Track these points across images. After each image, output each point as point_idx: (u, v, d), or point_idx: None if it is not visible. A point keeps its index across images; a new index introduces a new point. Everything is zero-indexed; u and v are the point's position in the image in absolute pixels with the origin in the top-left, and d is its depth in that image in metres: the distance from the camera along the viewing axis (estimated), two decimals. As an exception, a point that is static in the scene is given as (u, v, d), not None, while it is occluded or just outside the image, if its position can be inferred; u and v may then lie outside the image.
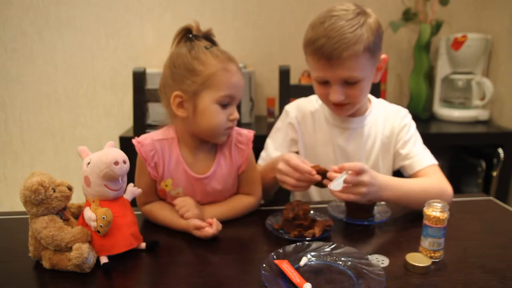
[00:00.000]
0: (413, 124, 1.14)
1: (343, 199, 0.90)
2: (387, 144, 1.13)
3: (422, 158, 1.08)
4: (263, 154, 1.22)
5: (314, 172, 0.91)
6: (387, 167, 1.14)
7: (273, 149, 1.19)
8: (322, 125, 1.17)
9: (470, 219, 0.98)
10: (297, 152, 1.20)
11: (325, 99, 1.07)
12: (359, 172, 0.87)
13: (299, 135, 1.19)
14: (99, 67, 2.08)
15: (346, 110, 1.07)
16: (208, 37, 0.94)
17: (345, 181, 0.87)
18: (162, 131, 0.98)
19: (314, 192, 1.21)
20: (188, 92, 0.89)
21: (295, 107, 1.21)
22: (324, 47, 0.95)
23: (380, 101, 1.20)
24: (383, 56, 1.05)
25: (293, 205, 0.91)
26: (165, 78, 0.93)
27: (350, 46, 0.94)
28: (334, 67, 0.97)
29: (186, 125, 0.93)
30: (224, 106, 0.90)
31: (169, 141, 0.95)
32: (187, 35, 0.93)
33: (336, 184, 0.88)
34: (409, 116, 1.15)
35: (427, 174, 1.05)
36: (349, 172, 0.88)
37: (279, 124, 1.22)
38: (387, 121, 1.13)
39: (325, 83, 1.03)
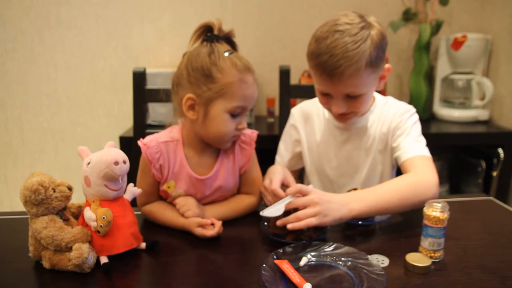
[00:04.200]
0: (411, 118, 1.09)
1: (302, 226, 0.82)
2: (384, 141, 1.12)
3: (409, 149, 1.03)
4: (277, 158, 1.25)
5: (277, 192, 0.93)
6: (386, 164, 1.14)
7: (284, 151, 1.24)
8: (323, 126, 1.17)
9: (470, 219, 0.98)
10: (300, 152, 1.22)
11: (327, 108, 1.08)
12: (302, 193, 0.87)
13: (302, 136, 1.20)
14: (99, 67, 2.08)
15: (348, 119, 1.08)
16: (229, 38, 0.93)
17: (293, 205, 0.85)
18: (167, 132, 0.98)
19: (326, 180, 1.21)
20: (201, 97, 0.88)
21: (299, 109, 1.23)
22: (326, 64, 0.95)
23: (387, 99, 1.17)
24: (386, 65, 1.04)
25: None
26: (180, 77, 0.91)
27: (353, 64, 0.93)
28: (335, 83, 0.97)
29: (193, 127, 0.93)
30: (234, 115, 0.90)
31: (174, 143, 0.95)
32: (207, 33, 0.92)
33: (274, 210, 0.85)
34: (410, 112, 1.10)
35: (411, 165, 1.00)
36: (297, 195, 0.88)
37: (286, 127, 1.26)
38: (387, 118, 1.12)
39: (327, 94, 1.03)
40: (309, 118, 1.20)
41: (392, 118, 1.12)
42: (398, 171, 1.10)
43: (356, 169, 1.15)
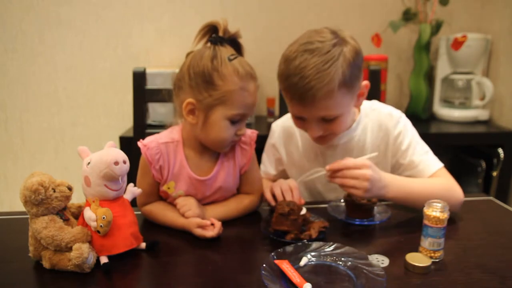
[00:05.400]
0: (408, 129, 1.06)
1: (345, 189, 0.89)
2: (381, 154, 1.07)
3: (426, 166, 1.02)
4: (262, 167, 1.23)
5: (271, 202, 0.98)
6: None
7: (268, 164, 1.22)
8: (308, 142, 1.13)
9: (470, 219, 0.98)
10: (284, 169, 1.20)
11: (304, 131, 1.04)
12: (360, 167, 0.87)
13: (283, 155, 1.17)
14: (99, 67, 2.08)
15: (327, 141, 1.03)
16: (234, 40, 0.91)
17: (346, 174, 0.88)
18: (167, 133, 0.97)
19: (315, 192, 1.21)
20: (202, 103, 0.87)
21: (280, 127, 1.18)
22: (297, 86, 0.90)
23: (371, 105, 1.11)
24: (364, 83, 0.99)
25: (286, 201, 0.91)
26: (181, 79, 0.90)
27: (324, 86, 0.88)
28: (308, 107, 0.93)
29: (193, 130, 0.93)
30: (234, 122, 0.89)
31: (174, 144, 0.95)
32: (212, 35, 0.90)
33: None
34: (402, 120, 1.06)
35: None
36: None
37: (267, 143, 1.22)
38: (379, 130, 1.07)
39: (301, 118, 0.99)
40: (292, 135, 1.15)
41: (386, 129, 1.06)
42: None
43: None
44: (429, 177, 1.01)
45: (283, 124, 1.18)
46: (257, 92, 0.91)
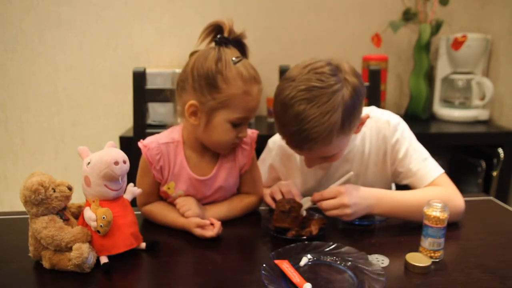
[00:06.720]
0: (405, 136, 1.02)
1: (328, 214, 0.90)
2: (378, 165, 1.05)
3: (424, 174, 0.98)
4: None
5: (271, 206, 0.97)
6: (382, 185, 1.06)
7: (263, 179, 1.15)
8: None
9: (470, 219, 0.98)
10: None
11: None
12: (335, 195, 0.88)
13: (284, 174, 1.15)
14: (99, 67, 2.08)
15: (327, 164, 1.02)
16: (239, 41, 0.90)
17: (326, 207, 0.89)
18: (167, 133, 0.97)
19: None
20: (204, 105, 0.87)
21: (277, 146, 1.14)
22: (293, 137, 0.88)
23: (369, 113, 1.02)
24: (364, 114, 0.94)
25: (286, 199, 0.92)
26: (185, 81, 0.88)
27: (323, 138, 0.85)
28: (304, 152, 0.93)
29: (194, 131, 0.93)
30: (236, 125, 0.89)
31: (175, 144, 0.95)
32: (216, 34, 0.88)
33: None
34: (400, 128, 1.02)
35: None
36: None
37: (264, 157, 1.18)
38: (377, 138, 1.04)
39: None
40: (289, 153, 1.08)
41: (383, 137, 1.03)
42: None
43: None
44: (428, 185, 0.98)
45: (281, 143, 1.10)
46: (260, 96, 0.90)
